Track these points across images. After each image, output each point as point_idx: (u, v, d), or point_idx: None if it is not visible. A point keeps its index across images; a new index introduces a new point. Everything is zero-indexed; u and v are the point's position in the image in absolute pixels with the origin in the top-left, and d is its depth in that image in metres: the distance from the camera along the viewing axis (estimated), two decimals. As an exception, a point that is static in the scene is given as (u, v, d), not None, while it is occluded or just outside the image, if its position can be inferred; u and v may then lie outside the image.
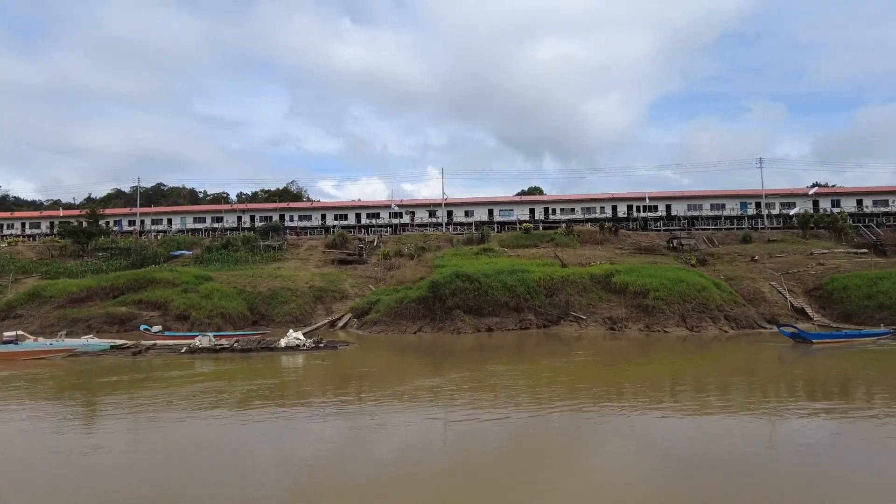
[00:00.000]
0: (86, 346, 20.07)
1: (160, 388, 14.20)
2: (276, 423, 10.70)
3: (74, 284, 32.49)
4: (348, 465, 8.35)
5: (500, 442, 9.64)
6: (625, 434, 10.13)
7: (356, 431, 10.35)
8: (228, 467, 8.24)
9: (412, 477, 7.78)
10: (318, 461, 8.51)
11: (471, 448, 9.22)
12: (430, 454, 8.95)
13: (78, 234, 48.78)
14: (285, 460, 8.47)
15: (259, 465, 8.23)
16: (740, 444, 9.32)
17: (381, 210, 69.22)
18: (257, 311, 32.59)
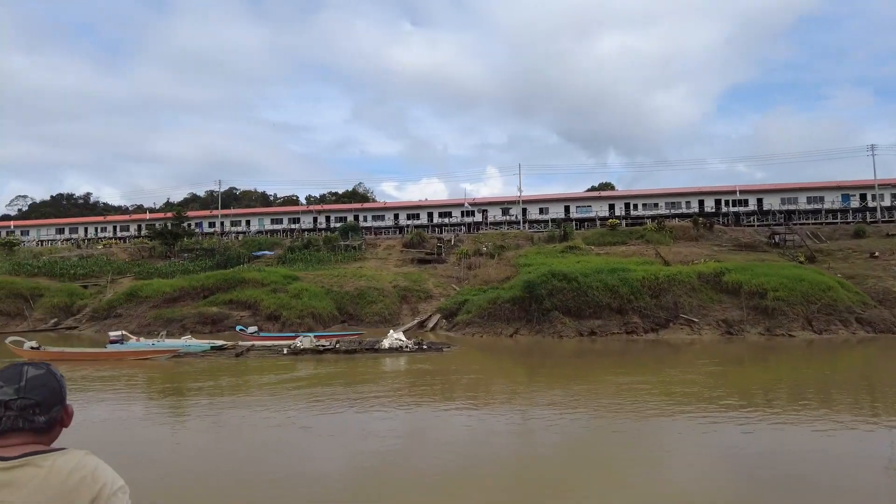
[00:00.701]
0: (187, 346, 19.74)
1: (292, 388, 13.30)
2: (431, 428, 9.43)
3: (168, 285, 32.93)
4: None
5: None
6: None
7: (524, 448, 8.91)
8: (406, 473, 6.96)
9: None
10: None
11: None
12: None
13: (165, 236, 50.21)
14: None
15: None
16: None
17: (454, 209, 68.18)
18: (345, 311, 31.96)
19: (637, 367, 17.97)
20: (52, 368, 1.60)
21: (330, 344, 19.58)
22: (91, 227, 78.85)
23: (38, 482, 1.39)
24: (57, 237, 76.30)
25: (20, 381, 1.51)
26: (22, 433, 1.48)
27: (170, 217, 60.53)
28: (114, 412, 11.57)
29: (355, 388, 13.90)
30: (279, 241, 56.63)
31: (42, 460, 1.42)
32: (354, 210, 72.00)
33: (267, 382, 14.90)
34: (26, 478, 1.39)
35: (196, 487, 7.28)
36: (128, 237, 71.60)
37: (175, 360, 18.46)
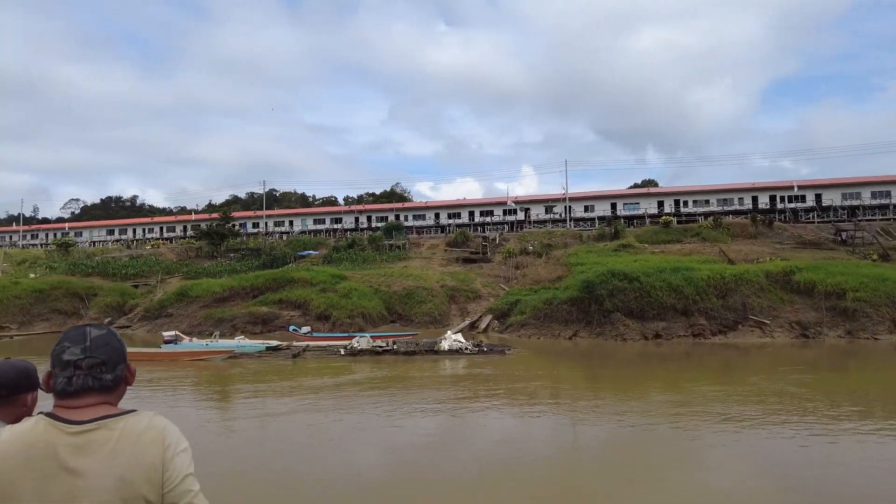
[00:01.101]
0: (242, 346, 19.29)
1: (363, 393, 12.56)
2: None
3: (217, 284, 32.89)
4: None
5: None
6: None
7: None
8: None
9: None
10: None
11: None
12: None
13: (212, 236, 50.62)
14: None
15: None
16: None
17: (496, 207, 67.06)
18: (394, 311, 31.30)
19: (716, 374, 16.65)
20: (112, 329, 1.60)
21: (387, 345, 18.83)
22: (139, 228, 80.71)
23: (112, 445, 1.40)
24: (107, 238, 78.30)
25: (85, 342, 1.51)
26: (92, 392, 1.48)
27: (215, 218, 61.29)
28: (168, 413, 10.98)
29: (417, 392, 13.08)
30: (323, 240, 56.57)
31: (114, 423, 1.44)
32: (395, 210, 71.62)
33: (324, 385, 14.23)
34: (101, 441, 1.40)
35: (249, 491, 6.54)
36: (174, 237, 72.90)
37: (230, 360, 18.02)
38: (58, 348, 1.53)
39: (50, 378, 1.53)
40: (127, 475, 1.40)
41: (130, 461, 1.41)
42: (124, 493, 1.39)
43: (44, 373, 1.56)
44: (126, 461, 1.40)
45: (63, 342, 1.54)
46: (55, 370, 1.51)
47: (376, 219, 71.26)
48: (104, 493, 1.37)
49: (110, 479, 1.38)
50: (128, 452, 1.41)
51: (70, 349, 1.51)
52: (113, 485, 1.38)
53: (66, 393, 1.48)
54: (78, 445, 1.39)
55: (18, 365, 2.10)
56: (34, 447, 1.37)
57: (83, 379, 1.49)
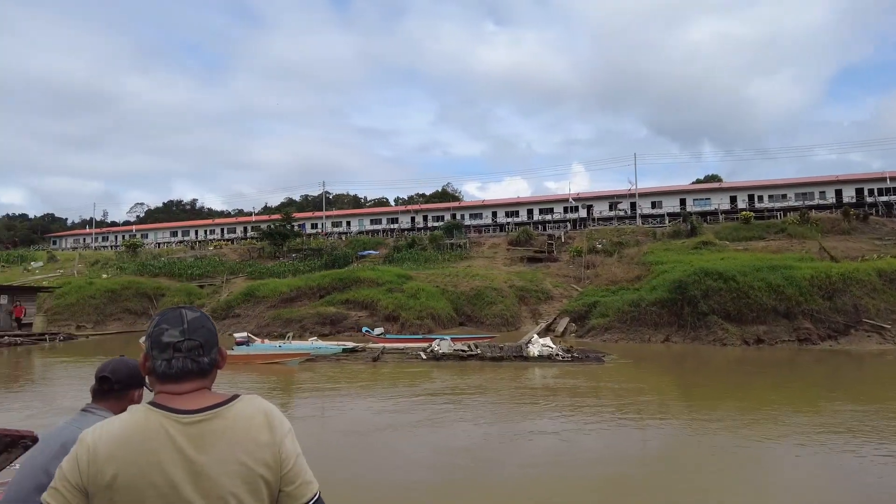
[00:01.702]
0: (318, 349, 18.33)
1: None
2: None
3: (284, 284, 32.41)
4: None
5: None
6: None
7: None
8: None
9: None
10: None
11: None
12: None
13: (274, 237, 50.75)
14: None
15: None
16: None
17: (556, 204, 64.95)
18: (462, 312, 29.98)
19: (848, 388, 14.46)
20: (205, 312, 1.59)
21: (469, 349, 17.45)
22: (200, 229, 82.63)
23: (228, 433, 1.40)
24: (171, 240, 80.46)
25: (183, 324, 1.50)
26: (191, 375, 1.48)
27: (275, 219, 61.78)
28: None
29: (518, 407, 11.59)
30: (381, 240, 56.03)
31: (226, 411, 1.44)
32: (451, 209, 70.52)
33: (410, 394, 12.94)
34: (217, 430, 1.40)
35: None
36: (234, 238, 74.20)
37: (306, 363, 17.06)
38: (155, 330, 1.50)
39: (147, 360, 1.51)
40: (245, 460, 1.40)
41: (247, 446, 1.41)
42: (245, 477, 1.39)
43: (140, 355, 1.53)
44: (242, 447, 1.41)
45: (160, 324, 1.51)
46: (153, 352, 1.49)
47: (432, 218, 70.54)
48: (226, 478, 1.37)
49: (231, 465, 1.39)
50: (243, 438, 1.42)
51: (169, 331, 1.49)
52: (234, 470, 1.39)
53: (166, 376, 1.47)
54: (195, 435, 1.38)
55: (130, 362, 2.33)
56: (152, 439, 1.36)
57: (182, 361, 1.47)
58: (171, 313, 1.54)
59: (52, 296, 36.09)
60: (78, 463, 1.34)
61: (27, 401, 12.57)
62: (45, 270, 51.00)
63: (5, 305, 27.56)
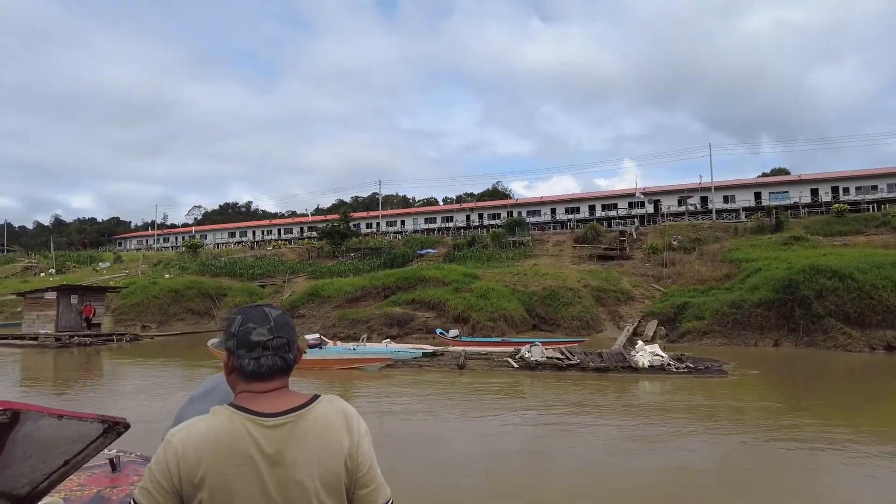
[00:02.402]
0: (397, 353, 16.81)
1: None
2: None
3: (348, 284, 31.30)
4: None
5: None
6: None
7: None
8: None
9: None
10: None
11: None
12: None
13: (333, 236, 50.10)
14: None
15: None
16: None
17: (619, 200, 62.07)
18: (535, 314, 28.05)
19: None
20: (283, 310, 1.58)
21: (567, 356, 15.54)
22: (257, 230, 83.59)
23: (310, 435, 1.41)
24: (229, 240, 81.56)
25: (269, 322, 1.49)
26: (278, 373, 1.47)
27: (331, 219, 61.36)
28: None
29: (651, 435, 9.63)
30: (439, 239, 54.63)
31: (308, 413, 1.44)
32: (508, 206, 68.55)
33: (509, 408, 11.16)
34: (300, 432, 1.41)
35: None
36: (290, 239, 74.46)
37: (386, 369, 15.57)
38: (242, 329, 1.47)
39: (231, 360, 1.49)
40: (326, 461, 1.42)
41: (329, 448, 1.42)
42: (325, 479, 1.41)
43: (223, 356, 1.51)
44: (324, 448, 1.41)
45: (247, 323, 1.48)
46: (239, 352, 1.46)
47: (488, 216, 68.96)
48: (308, 480, 1.39)
49: (313, 467, 1.40)
50: (324, 439, 1.42)
51: (257, 330, 1.46)
52: (316, 473, 1.40)
53: (256, 374, 1.46)
54: (279, 439, 1.39)
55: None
56: (237, 441, 1.37)
57: (271, 359, 1.46)
58: (254, 312, 1.50)
59: (119, 296, 36.22)
60: (168, 465, 1.34)
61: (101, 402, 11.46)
62: (112, 271, 51.98)
63: (75, 305, 27.41)
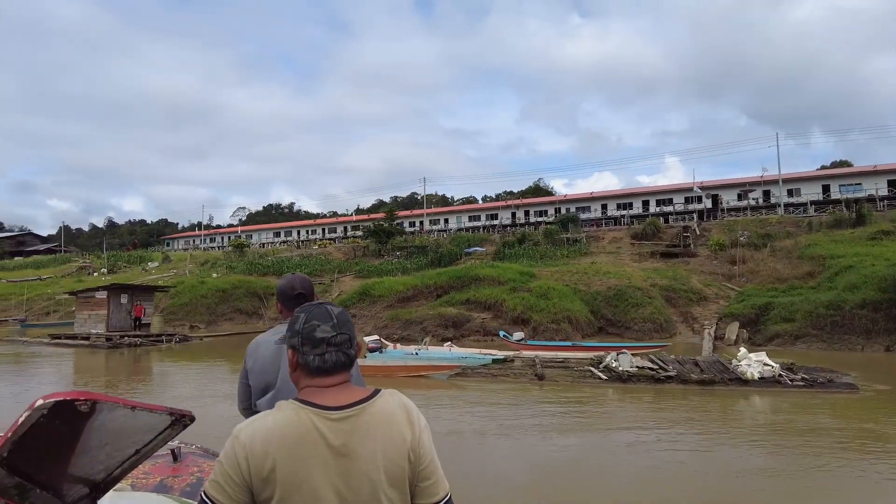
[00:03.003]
0: (464, 358, 15.29)
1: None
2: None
3: (400, 283, 30.00)
4: None
5: None
6: None
7: None
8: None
9: None
10: None
11: None
12: None
13: (379, 234, 49.11)
14: None
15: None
16: None
17: (675, 194, 59.07)
18: (600, 315, 26.12)
19: None
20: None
21: (662, 366, 13.69)
22: (302, 230, 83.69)
23: (374, 427, 1.43)
24: (274, 240, 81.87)
25: (332, 319, 1.51)
26: (342, 368, 1.50)
27: (374, 218, 60.54)
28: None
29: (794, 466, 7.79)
30: (485, 237, 53.01)
31: (370, 406, 1.46)
32: (556, 202, 66.42)
33: (604, 427, 9.45)
34: (364, 425, 1.43)
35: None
36: (335, 238, 74.09)
37: (455, 377, 14.07)
38: (307, 327, 1.50)
39: (296, 356, 1.50)
40: (391, 453, 1.43)
41: (391, 441, 1.44)
42: (390, 470, 1.43)
43: (288, 353, 1.54)
44: (387, 442, 1.43)
45: (311, 321, 1.51)
46: (304, 348, 1.49)
47: (534, 213, 66.98)
48: (374, 473, 1.41)
49: (377, 460, 1.42)
50: (387, 433, 1.44)
51: (321, 327, 1.49)
52: (380, 465, 1.42)
53: (320, 370, 1.49)
54: (344, 431, 1.41)
55: (305, 276, 2.81)
56: (303, 434, 1.40)
57: (335, 355, 1.48)
58: (316, 309, 1.53)
59: (168, 295, 35.95)
60: (237, 458, 1.37)
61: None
62: (160, 270, 52.29)
63: (125, 305, 26.95)
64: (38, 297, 43.83)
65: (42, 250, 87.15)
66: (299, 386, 1.51)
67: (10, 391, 13.94)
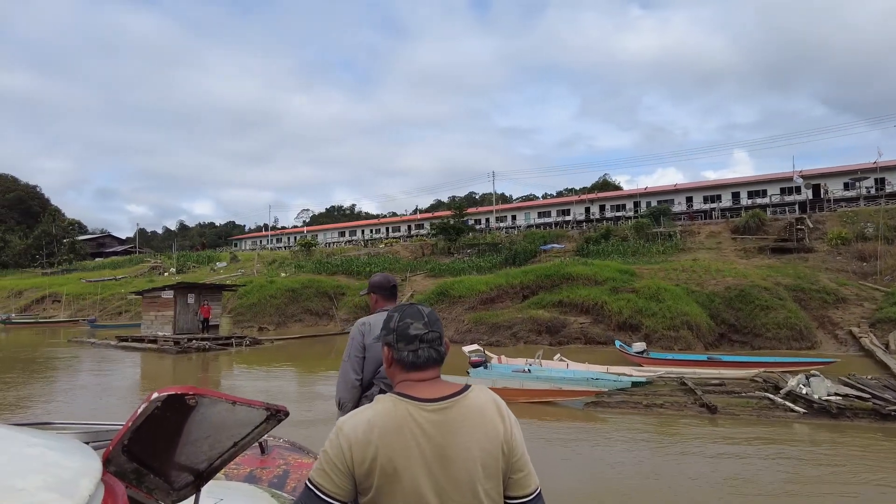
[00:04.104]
0: (595, 379, 12.17)
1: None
2: None
3: (482, 282, 27.18)
4: None
5: None
6: None
7: None
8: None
9: None
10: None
11: None
12: None
13: (449, 231, 46.63)
14: None
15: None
16: None
17: (769, 185, 53.61)
18: (720, 319, 22.37)
19: None
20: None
21: (870, 393, 10.17)
22: (365, 229, 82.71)
23: (468, 420, 1.48)
24: (339, 240, 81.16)
25: (424, 317, 1.60)
26: (433, 364, 1.57)
27: (440, 215, 58.27)
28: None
29: None
30: (562, 232, 49.52)
31: (463, 399, 1.51)
32: (634, 196, 61.94)
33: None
34: (458, 417, 1.48)
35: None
36: (399, 237, 72.48)
37: (592, 406, 11.02)
38: (401, 325, 1.59)
39: (391, 352, 1.59)
40: (486, 445, 1.48)
41: (484, 433, 1.48)
42: (483, 461, 1.47)
43: (384, 349, 1.62)
44: (481, 433, 1.48)
45: (404, 318, 1.60)
46: (399, 345, 1.58)
47: (610, 208, 62.95)
48: (469, 462, 1.45)
49: (473, 450, 1.46)
50: (480, 425, 1.48)
51: (414, 324, 1.58)
52: (475, 455, 1.46)
53: (414, 365, 1.56)
54: (439, 422, 1.46)
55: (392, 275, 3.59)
56: (402, 425, 1.45)
57: (427, 351, 1.56)
58: (410, 309, 1.62)
59: (236, 295, 34.61)
60: (341, 448, 1.44)
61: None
62: (228, 270, 51.67)
63: (192, 305, 25.36)
64: (111, 297, 43.78)
65: (119, 251, 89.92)
66: (395, 381, 1.59)
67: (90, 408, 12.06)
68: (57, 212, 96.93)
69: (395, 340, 1.57)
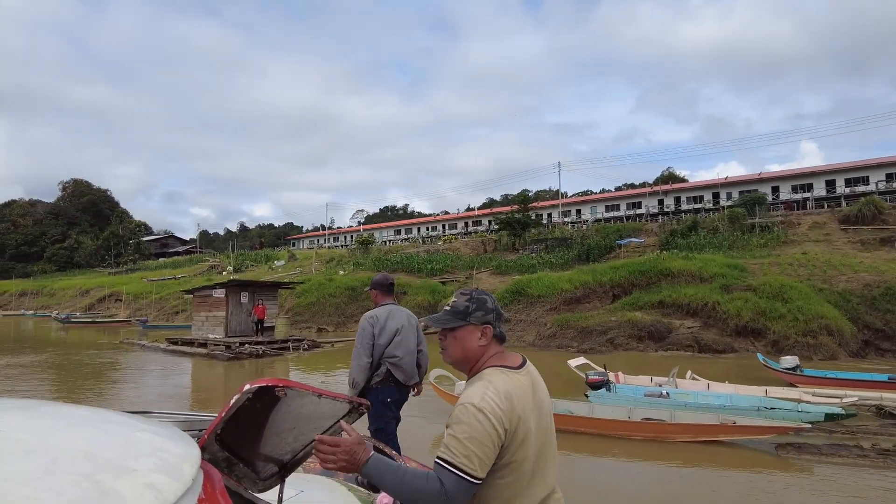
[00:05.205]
0: (770, 409, 8.92)
1: None
2: None
3: (565, 280, 24.00)
4: None
5: None
6: None
7: None
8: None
9: None
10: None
11: None
12: None
13: (514, 226, 43.54)
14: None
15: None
16: None
17: (872, 171, 47.90)
18: (861, 323, 18.40)
19: None
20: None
21: None
22: (422, 227, 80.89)
23: (539, 383, 1.77)
24: (395, 238, 79.52)
25: (495, 302, 1.82)
26: (501, 340, 1.80)
27: (500, 211, 55.29)
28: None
29: None
30: (638, 225, 45.60)
31: (529, 366, 1.79)
32: (714, 186, 57.07)
33: None
34: (536, 379, 1.77)
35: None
36: (458, 234, 70.08)
37: (787, 448, 7.78)
38: (497, 306, 1.82)
39: (490, 330, 1.76)
40: (549, 399, 1.81)
41: (547, 394, 1.79)
42: (551, 408, 1.81)
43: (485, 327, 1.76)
44: (546, 391, 1.79)
45: (494, 301, 1.83)
46: (497, 322, 1.79)
47: (686, 199, 58.63)
48: (550, 417, 1.78)
49: (547, 401, 1.78)
50: (545, 387, 1.79)
51: (498, 306, 1.81)
52: (550, 405, 1.81)
53: (503, 338, 1.80)
54: (531, 384, 1.72)
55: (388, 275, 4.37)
56: (522, 390, 1.67)
57: (503, 328, 1.80)
58: (483, 294, 1.83)
59: (293, 294, 32.74)
60: (493, 426, 1.56)
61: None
62: (286, 269, 50.35)
63: (246, 305, 23.32)
64: (169, 296, 43.04)
65: (182, 252, 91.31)
66: (487, 354, 1.77)
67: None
68: (125, 213, 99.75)
69: (494, 318, 1.78)
